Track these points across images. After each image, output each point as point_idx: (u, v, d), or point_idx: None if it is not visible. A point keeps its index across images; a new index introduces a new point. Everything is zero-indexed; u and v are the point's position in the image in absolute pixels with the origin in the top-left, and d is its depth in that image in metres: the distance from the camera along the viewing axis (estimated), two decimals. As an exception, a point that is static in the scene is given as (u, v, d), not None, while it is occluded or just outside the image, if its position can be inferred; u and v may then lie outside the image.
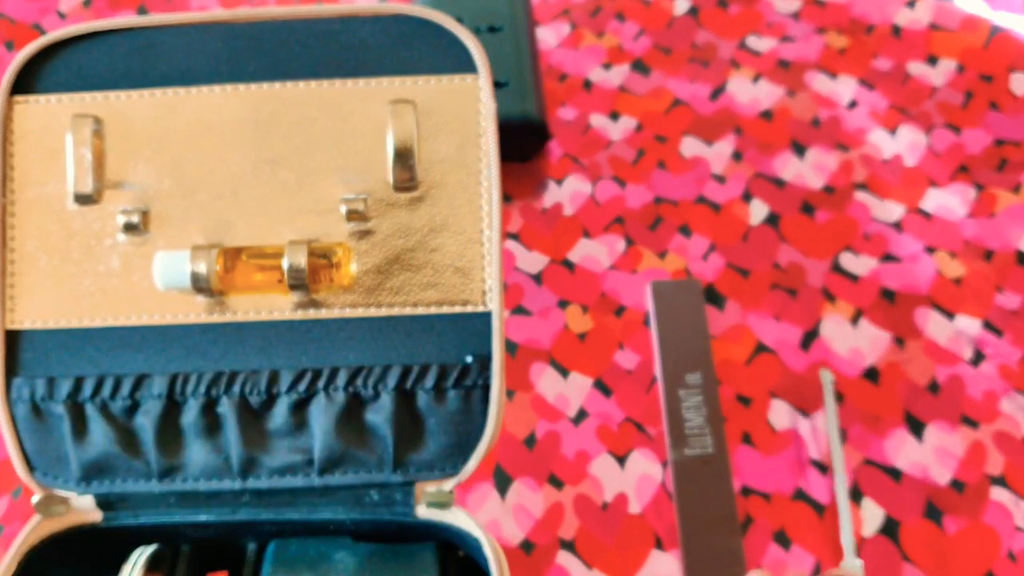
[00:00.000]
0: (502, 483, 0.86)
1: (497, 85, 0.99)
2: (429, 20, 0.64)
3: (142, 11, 1.17)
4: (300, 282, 0.64)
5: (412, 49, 0.65)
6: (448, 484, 0.65)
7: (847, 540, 0.82)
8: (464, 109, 0.65)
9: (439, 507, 0.66)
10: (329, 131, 0.64)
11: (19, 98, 0.65)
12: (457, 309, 0.65)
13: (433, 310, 0.65)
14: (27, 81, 0.65)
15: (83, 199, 0.65)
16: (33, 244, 0.65)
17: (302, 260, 0.64)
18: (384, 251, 0.64)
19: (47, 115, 0.65)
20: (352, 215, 0.64)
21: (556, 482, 0.87)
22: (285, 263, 0.64)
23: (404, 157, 0.64)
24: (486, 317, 0.65)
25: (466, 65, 0.65)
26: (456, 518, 0.65)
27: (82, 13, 1.18)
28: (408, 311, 0.65)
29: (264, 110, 0.64)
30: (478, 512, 0.85)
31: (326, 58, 0.65)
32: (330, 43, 0.65)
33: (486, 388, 0.65)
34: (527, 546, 0.84)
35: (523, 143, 1.03)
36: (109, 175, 0.65)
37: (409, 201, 0.64)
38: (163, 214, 0.65)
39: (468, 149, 0.65)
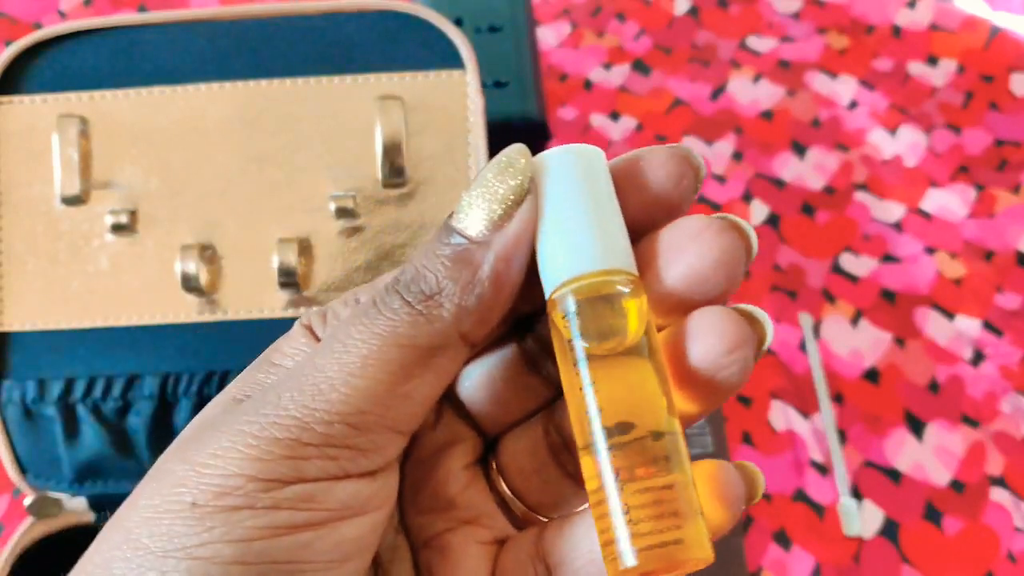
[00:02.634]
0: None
1: (497, 85, 0.99)
2: (415, 15, 0.64)
3: (142, 10, 1.17)
4: (291, 280, 0.64)
5: (398, 45, 0.64)
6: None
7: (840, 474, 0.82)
8: (452, 105, 0.64)
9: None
10: (316, 128, 0.64)
11: (3, 99, 0.65)
12: None
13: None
14: (11, 81, 0.65)
15: (70, 200, 0.65)
16: (20, 246, 0.65)
17: (292, 258, 0.63)
18: (375, 248, 0.64)
19: (32, 115, 0.65)
20: (341, 212, 0.64)
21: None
22: (275, 262, 0.64)
23: (392, 153, 0.63)
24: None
25: (453, 60, 0.64)
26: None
27: (83, 12, 1.18)
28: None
29: (251, 108, 0.64)
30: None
31: (312, 55, 0.65)
32: (315, 40, 0.65)
33: None
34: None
35: (523, 143, 1.02)
36: (96, 175, 0.65)
37: (398, 197, 0.64)
38: (151, 214, 0.64)
39: (457, 145, 0.64)
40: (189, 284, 0.64)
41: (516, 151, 0.32)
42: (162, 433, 0.65)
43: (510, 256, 0.31)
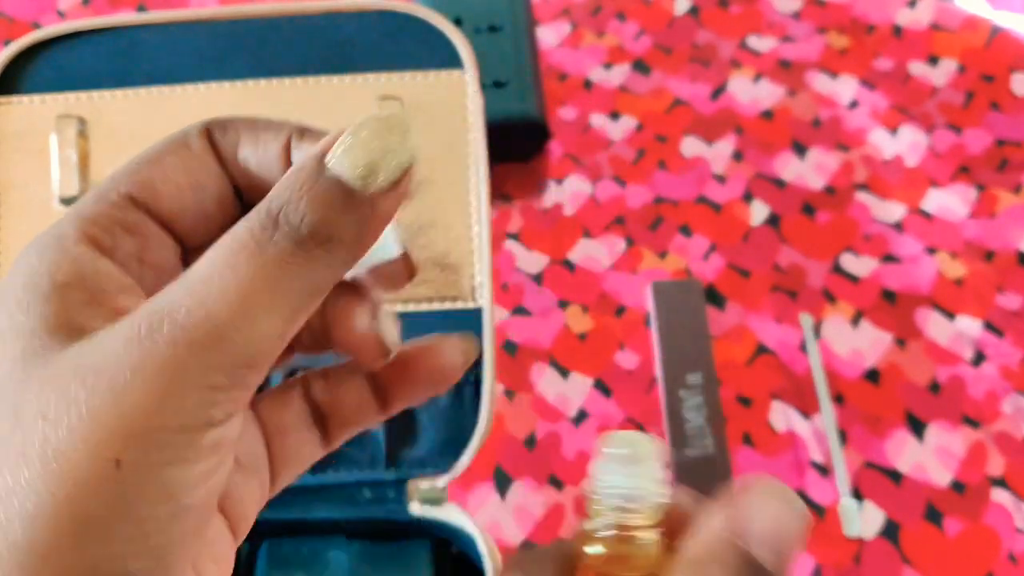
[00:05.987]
0: (502, 484, 0.86)
1: (497, 85, 0.99)
2: (414, 16, 0.64)
3: (141, 9, 1.17)
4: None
5: (398, 45, 0.64)
6: (441, 481, 0.65)
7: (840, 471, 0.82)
8: (451, 104, 0.64)
9: (432, 504, 0.66)
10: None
11: (2, 99, 0.65)
12: (447, 305, 0.65)
13: (424, 307, 0.65)
14: (10, 82, 0.65)
15: (69, 201, 0.64)
16: (19, 247, 0.64)
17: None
18: (373, 248, 0.64)
19: (31, 116, 0.65)
20: (340, 213, 0.63)
21: (556, 483, 0.86)
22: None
23: (392, 154, 0.63)
24: (476, 313, 0.64)
25: (453, 60, 0.64)
26: (449, 515, 0.65)
27: (81, 11, 1.18)
28: (398, 308, 0.64)
29: (250, 108, 0.64)
30: (478, 513, 0.85)
31: (311, 55, 0.64)
32: (315, 40, 0.65)
33: (478, 384, 0.64)
34: (527, 547, 0.83)
35: (523, 143, 1.02)
36: (95, 176, 0.64)
37: (397, 198, 0.64)
38: (150, 214, 0.64)
39: (456, 145, 0.64)
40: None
41: (405, 124, 0.31)
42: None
43: (391, 215, 0.31)
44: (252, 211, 0.30)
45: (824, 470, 0.86)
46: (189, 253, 0.35)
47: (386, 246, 0.35)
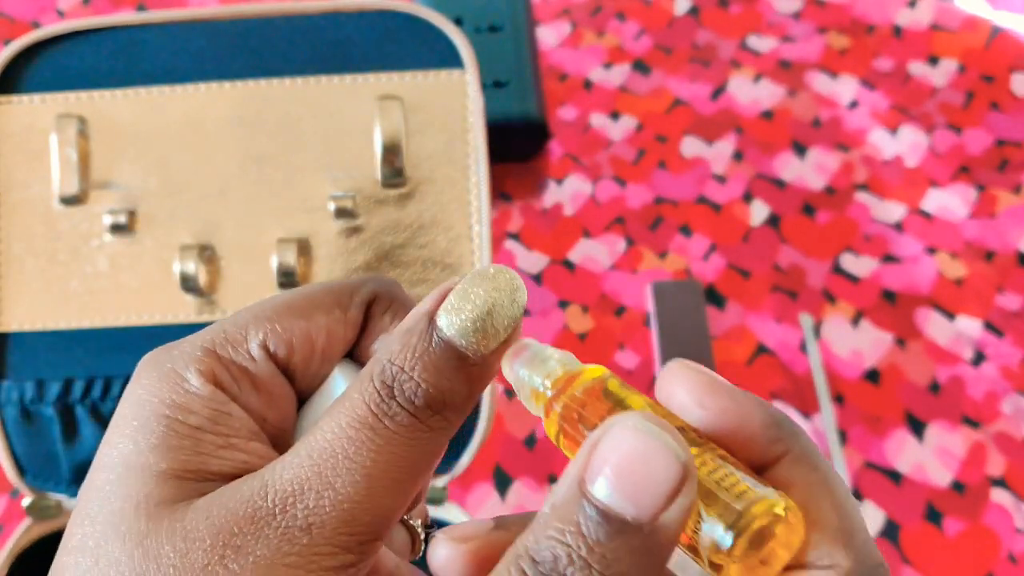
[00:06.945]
0: (502, 483, 0.86)
1: (497, 85, 0.99)
2: (415, 15, 0.64)
3: (141, 9, 1.17)
4: (290, 281, 0.64)
5: (398, 45, 0.64)
6: (441, 480, 0.65)
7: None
8: (452, 104, 0.64)
9: (432, 503, 0.66)
10: (316, 128, 0.64)
11: (2, 98, 0.65)
12: None
13: (424, 307, 0.65)
14: (9, 81, 0.65)
15: (69, 200, 0.64)
16: (19, 247, 0.64)
17: (292, 259, 0.63)
18: (373, 248, 0.64)
19: (31, 115, 0.65)
20: (341, 212, 0.63)
21: (556, 482, 0.86)
22: (274, 262, 0.64)
23: (392, 153, 0.63)
24: (477, 314, 0.64)
25: (453, 60, 0.64)
26: (449, 514, 0.65)
27: (81, 11, 1.18)
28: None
29: (250, 108, 0.64)
30: (478, 512, 0.85)
31: (311, 55, 0.64)
32: (315, 39, 0.65)
33: None
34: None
35: (523, 143, 1.02)
36: (95, 175, 0.64)
37: (398, 198, 0.64)
38: (150, 214, 0.64)
39: (456, 145, 0.64)
40: (188, 284, 0.64)
41: (513, 279, 0.31)
42: (161, 434, 0.65)
43: (497, 371, 0.32)
44: (365, 376, 0.30)
45: (824, 470, 0.86)
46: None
47: None
